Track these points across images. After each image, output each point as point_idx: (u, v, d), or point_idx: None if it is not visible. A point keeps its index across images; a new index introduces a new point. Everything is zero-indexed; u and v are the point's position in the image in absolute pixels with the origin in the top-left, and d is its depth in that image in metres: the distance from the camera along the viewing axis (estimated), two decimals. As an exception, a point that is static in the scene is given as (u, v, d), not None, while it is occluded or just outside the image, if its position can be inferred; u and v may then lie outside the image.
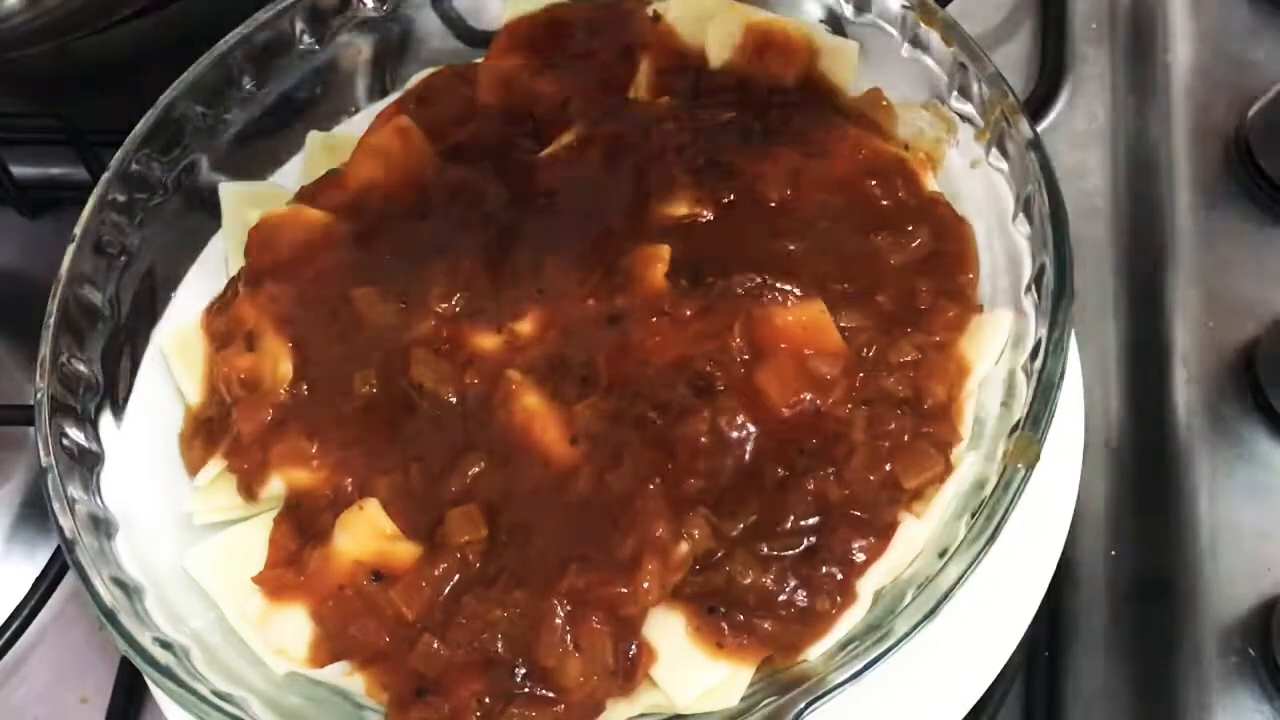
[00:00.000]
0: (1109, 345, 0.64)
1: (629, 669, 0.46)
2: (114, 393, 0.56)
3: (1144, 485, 0.60)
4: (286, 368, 0.54)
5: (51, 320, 0.53)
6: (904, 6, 0.57)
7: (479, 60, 0.64)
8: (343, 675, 0.49)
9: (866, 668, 0.42)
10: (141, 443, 0.56)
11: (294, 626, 0.49)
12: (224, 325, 0.57)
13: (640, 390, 0.50)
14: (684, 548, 0.46)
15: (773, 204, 0.55)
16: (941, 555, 0.44)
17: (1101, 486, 0.60)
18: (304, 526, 0.51)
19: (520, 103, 0.62)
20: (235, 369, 0.55)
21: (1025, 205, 0.52)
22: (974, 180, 0.56)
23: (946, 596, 0.42)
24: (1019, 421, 0.46)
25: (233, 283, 0.59)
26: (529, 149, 0.60)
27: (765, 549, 0.47)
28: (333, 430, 0.53)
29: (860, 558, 0.46)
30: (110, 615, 0.46)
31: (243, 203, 0.61)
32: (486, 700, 0.46)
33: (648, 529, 0.46)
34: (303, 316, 0.56)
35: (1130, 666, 0.56)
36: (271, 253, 0.58)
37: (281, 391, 0.54)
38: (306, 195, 0.61)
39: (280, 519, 0.52)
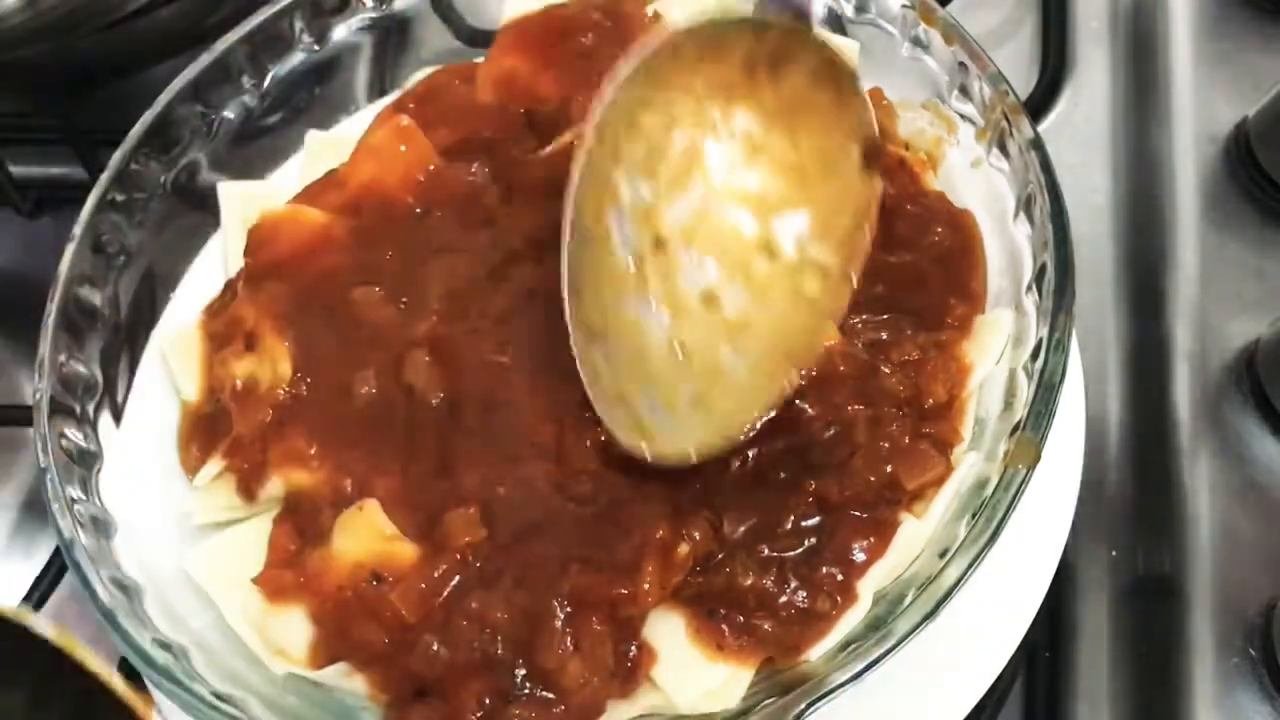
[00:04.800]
0: (1109, 345, 0.64)
1: (629, 670, 0.46)
2: (113, 393, 0.56)
3: (1144, 485, 0.60)
4: (285, 368, 0.54)
5: (50, 320, 0.53)
6: (904, 6, 0.57)
7: (479, 60, 0.64)
8: (342, 676, 0.49)
9: (867, 668, 0.42)
10: (140, 443, 0.56)
11: (293, 627, 0.49)
12: (223, 325, 0.57)
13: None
14: (684, 549, 0.46)
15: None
16: (942, 556, 0.44)
17: (1102, 486, 0.60)
18: (303, 527, 0.51)
19: (520, 103, 0.62)
20: (234, 369, 0.55)
21: (1026, 205, 0.52)
22: (975, 180, 0.56)
23: (947, 597, 0.42)
24: (1020, 421, 0.46)
25: (231, 283, 0.59)
26: (529, 148, 0.60)
27: (766, 550, 0.47)
28: (332, 431, 0.52)
29: (861, 558, 0.46)
30: (109, 616, 0.46)
31: (242, 202, 0.61)
32: (486, 702, 0.45)
33: (648, 530, 0.46)
34: (302, 317, 0.55)
35: (1130, 666, 0.56)
36: (271, 253, 0.58)
37: (280, 392, 0.53)
38: (306, 195, 0.60)
39: (280, 520, 0.52)
